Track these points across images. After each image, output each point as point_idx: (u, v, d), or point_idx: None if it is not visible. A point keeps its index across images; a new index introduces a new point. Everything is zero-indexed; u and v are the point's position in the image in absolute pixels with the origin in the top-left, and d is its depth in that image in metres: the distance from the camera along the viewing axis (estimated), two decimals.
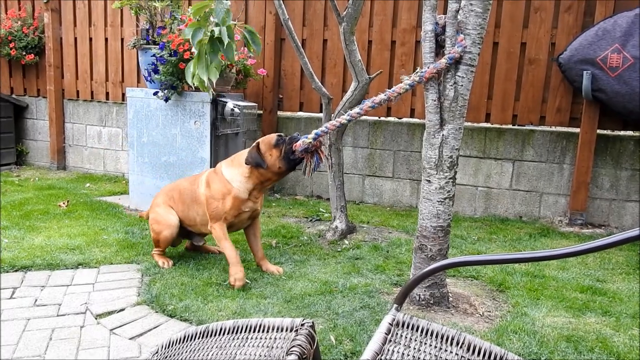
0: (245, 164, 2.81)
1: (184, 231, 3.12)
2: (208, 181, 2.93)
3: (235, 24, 3.02)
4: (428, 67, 2.41)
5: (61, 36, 5.77)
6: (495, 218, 4.41)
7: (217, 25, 2.71)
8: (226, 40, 2.72)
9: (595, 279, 3.03)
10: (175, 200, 3.06)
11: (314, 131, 2.73)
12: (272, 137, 2.84)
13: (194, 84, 2.96)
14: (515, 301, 2.67)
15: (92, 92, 5.73)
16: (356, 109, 2.65)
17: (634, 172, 4.13)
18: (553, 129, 4.42)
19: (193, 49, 2.92)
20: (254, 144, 2.86)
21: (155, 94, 4.01)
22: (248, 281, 2.80)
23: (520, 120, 4.37)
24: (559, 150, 4.30)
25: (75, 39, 5.72)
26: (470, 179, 4.55)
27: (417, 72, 2.45)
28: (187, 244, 3.33)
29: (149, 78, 4.08)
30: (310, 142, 2.70)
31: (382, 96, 2.54)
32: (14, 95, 6.10)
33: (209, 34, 2.75)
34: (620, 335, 2.33)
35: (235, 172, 2.85)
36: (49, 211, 4.10)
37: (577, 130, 4.18)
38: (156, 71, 3.94)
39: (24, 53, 5.71)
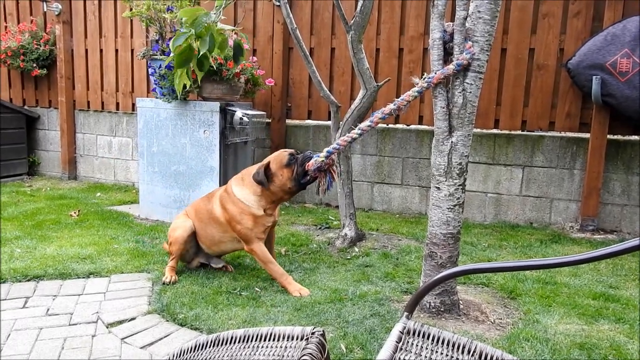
0: (252, 178, 2.82)
1: (198, 251, 3.09)
2: (222, 203, 2.92)
3: (234, 29, 3.01)
4: (435, 73, 2.41)
5: (72, 48, 5.85)
6: (505, 224, 4.39)
7: (199, 37, 2.57)
8: (203, 50, 2.57)
9: (608, 285, 3.00)
10: (192, 218, 3.06)
11: (326, 149, 2.70)
12: (284, 155, 2.81)
13: (180, 92, 2.94)
14: (526, 308, 2.65)
15: (102, 103, 5.80)
16: (367, 122, 2.62)
17: None
18: (563, 134, 4.39)
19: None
20: (265, 161, 2.83)
21: (156, 84, 4.11)
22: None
23: (529, 126, 4.35)
24: (569, 155, 4.27)
25: (86, 50, 5.80)
26: (479, 186, 4.53)
27: (424, 78, 2.45)
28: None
29: (156, 84, 4.14)
30: (322, 161, 2.68)
31: (391, 106, 2.53)
32: (26, 107, 6.18)
33: (191, 41, 2.62)
34: (635, 342, 2.30)
35: (246, 192, 2.86)
36: (61, 221, 4.14)
37: (587, 135, 4.15)
38: (163, 77, 4.00)
39: (35, 65, 5.79)
